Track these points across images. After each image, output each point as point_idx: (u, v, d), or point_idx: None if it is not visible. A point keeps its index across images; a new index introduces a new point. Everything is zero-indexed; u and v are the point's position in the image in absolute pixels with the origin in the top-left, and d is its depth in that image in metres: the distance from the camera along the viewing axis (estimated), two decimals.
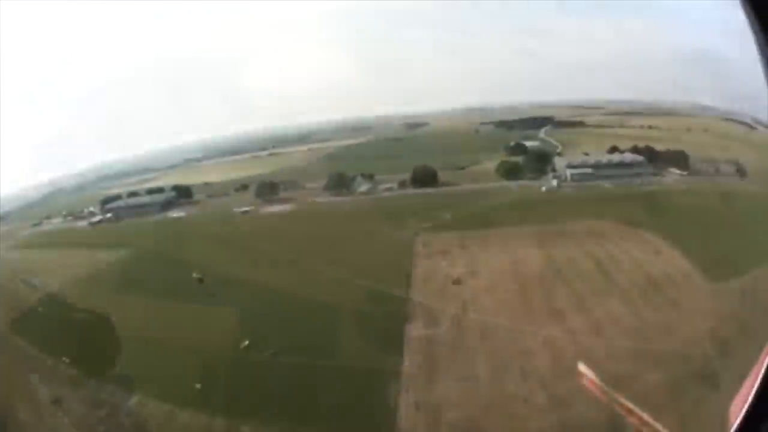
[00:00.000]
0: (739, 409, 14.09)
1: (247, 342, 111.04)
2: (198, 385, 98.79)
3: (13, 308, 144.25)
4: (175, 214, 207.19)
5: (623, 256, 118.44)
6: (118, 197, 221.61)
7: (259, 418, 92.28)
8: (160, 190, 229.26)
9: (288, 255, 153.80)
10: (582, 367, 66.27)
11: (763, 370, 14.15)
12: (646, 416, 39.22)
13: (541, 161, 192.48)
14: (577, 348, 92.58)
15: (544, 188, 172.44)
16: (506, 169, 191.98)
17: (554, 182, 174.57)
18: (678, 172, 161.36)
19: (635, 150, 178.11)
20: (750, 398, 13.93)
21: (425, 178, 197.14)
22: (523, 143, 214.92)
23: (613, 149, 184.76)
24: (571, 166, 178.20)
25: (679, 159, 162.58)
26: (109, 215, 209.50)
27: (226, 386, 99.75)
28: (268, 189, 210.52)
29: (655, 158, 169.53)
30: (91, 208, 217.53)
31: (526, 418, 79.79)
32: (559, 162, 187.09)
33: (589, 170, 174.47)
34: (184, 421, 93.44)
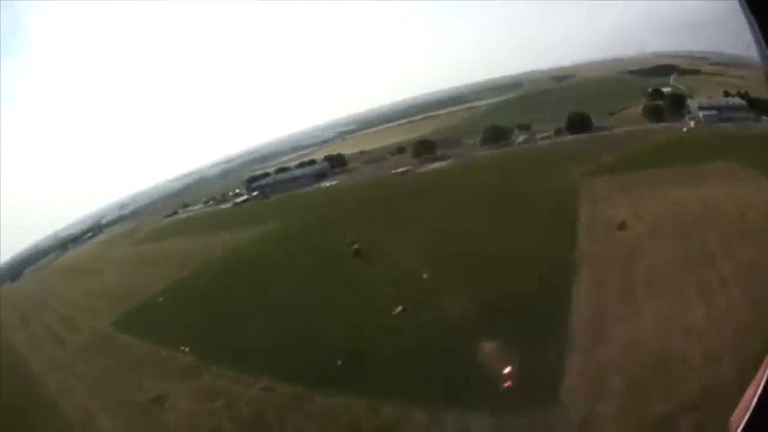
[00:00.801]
0: (740, 419, 12.85)
1: (400, 308, 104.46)
2: (339, 362, 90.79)
3: (127, 303, 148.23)
4: (328, 183, 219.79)
5: (754, 197, 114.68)
6: (265, 175, 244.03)
7: (407, 396, 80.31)
8: (311, 162, 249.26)
9: (448, 211, 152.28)
10: None
11: (764, 380, 12.97)
12: None
13: (678, 104, 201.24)
14: (728, 296, 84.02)
15: (684, 129, 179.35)
16: (650, 111, 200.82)
17: (691, 123, 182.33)
18: (766, 118, 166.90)
19: (739, 95, 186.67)
20: (751, 408, 12.76)
21: (580, 123, 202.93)
22: (660, 89, 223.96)
23: (726, 94, 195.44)
24: (702, 108, 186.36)
25: (764, 105, 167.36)
26: (255, 193, 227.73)
27: (371, 361, 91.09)
28: (424, 148, 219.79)
29: (752, 104, 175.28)
30: (237, 190, 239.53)
31: (685, 378, 68.85)
32: (692, 105, 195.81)
33: (714, 112, 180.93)
34: (316, 406, 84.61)
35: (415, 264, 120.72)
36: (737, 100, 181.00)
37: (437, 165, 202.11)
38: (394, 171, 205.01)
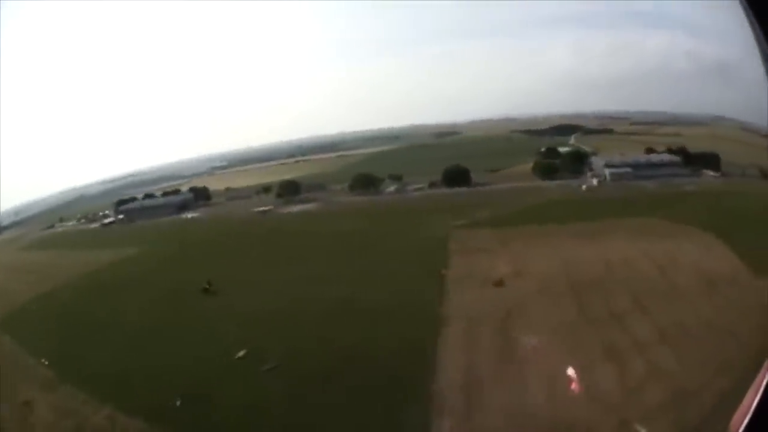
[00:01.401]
0: (740, 422, 13.26)
1: (243, 352, 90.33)
2: (178, 402, 78.84)
3: (7, 305, 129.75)
4: (190, 215, 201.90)
5: (678, 254, 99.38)
6: (133, 199, 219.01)
7: None
8: (176, 191, 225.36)
9: (307, 254, 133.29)
10: None
11: (763, 384, 13.59)
12: None
13: (578, 160, 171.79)
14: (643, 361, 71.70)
15: (584, 187, 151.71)
16: (543, 168, 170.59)
17: (594, 181, 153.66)
18: (711, 173, 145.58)
19: (670, 151, 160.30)
20: (751, 411, 13.20)
21: (458, 177, 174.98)
22: (556, 147, 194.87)
23: (649, 150, 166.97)
24: (609, 165, 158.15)
25: (711, 161, 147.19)
26: (121, 216, 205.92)
27: (206, 406, 78.58)
28: (289, 189, 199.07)
29: (689, 160, 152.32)
30: (107, 211, 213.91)
31: None
32: (596, 162, 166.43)
33: (628, 170, 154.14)
34: None
35: (265, 307, 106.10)
36: (665, 157, 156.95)
37: (300, 207, 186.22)
38: (255, 209, 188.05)
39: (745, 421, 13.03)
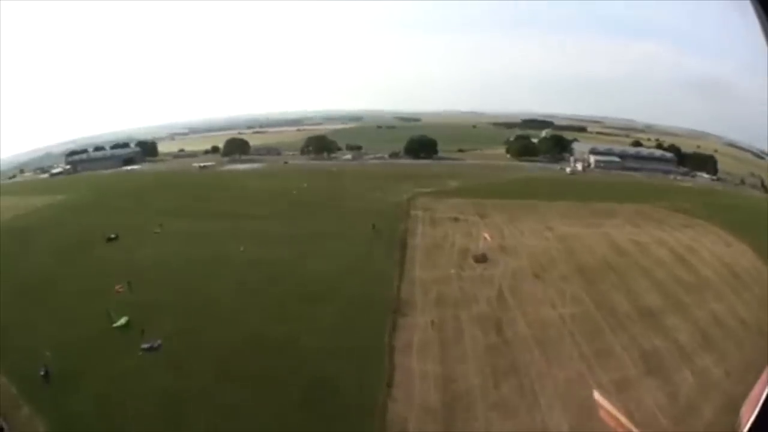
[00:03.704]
0: (751, 409, 11.61)
1: (125, 320, 63.87)
2: (42, 371, 55.03)
3: None
4: (130, 167, 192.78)
5: (695, 245, 78.41)
6: (84, 152, 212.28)
7: None
8: (125, 145, 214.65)
9: (239, 210, 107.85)
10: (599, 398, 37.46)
11: None
12: None
13: (559, 145, 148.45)
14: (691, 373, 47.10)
15: (568, 170, 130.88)
16: (519, 149, 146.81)
17: (578, 165, 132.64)
18: (707, 176, 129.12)
19: (660, 148, 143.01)
20: (762, 399, 11.26)
21: (423, 147, 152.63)
22: (528, 137, 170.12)
23: (636, 144, 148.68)
24: (595, 152, 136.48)
25: (706, 163, 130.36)
26: (68, 167, 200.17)
27: (67, 381, 52.28)
28: (235, 148, 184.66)
29: (682, 160, 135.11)
30: (60, 163, 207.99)
31: None
32: (579, 148, 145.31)
33: (615, 158, 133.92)
34: (22, 417, 48.51)
35: (168, 267, 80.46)
36: (656, 151, 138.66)
37: (246, 165, 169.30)
38: (196, 165, 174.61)
39: (756, 411, 10.84)
